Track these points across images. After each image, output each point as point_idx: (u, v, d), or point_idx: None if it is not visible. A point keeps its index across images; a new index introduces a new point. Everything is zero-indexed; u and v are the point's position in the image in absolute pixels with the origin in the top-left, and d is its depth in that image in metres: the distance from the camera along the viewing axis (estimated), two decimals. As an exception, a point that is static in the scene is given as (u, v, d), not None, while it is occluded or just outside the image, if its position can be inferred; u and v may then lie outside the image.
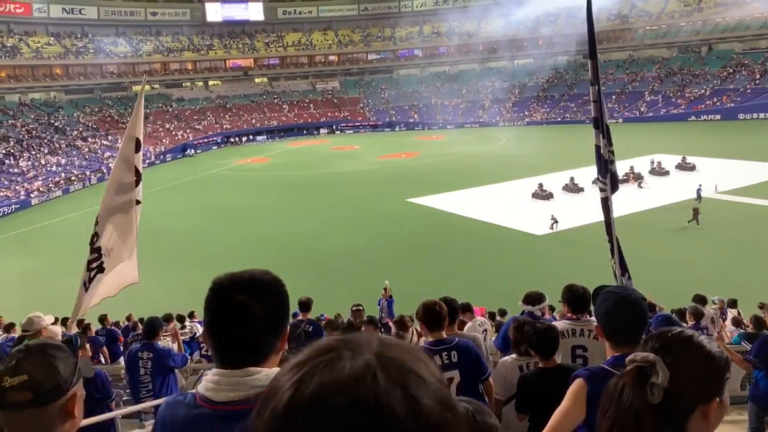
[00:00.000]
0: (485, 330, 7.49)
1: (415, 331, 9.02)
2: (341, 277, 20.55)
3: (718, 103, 59.06)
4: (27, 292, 20.68)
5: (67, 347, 4.98)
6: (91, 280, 8.60)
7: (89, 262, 8.58)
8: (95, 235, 8.69)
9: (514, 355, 4.53)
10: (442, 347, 3.99)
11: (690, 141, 43.84)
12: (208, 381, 1.54)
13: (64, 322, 12.64)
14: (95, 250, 8.64)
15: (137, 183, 8.00)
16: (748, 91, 58.66)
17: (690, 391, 1.34)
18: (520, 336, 4.48)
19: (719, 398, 1.35)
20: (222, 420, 1.48)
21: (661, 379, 1.32)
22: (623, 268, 7.93)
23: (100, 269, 8.73)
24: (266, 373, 1.51)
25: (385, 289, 14.39)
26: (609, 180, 7.93)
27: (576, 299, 4.64)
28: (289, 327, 1.65)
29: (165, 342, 8.67)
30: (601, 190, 8.13)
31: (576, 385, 2.55)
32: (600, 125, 7.92)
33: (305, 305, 8.83)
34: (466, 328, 7.81)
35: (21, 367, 1.56)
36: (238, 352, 1.53)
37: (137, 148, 8.66)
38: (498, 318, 11.61)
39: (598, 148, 7.94)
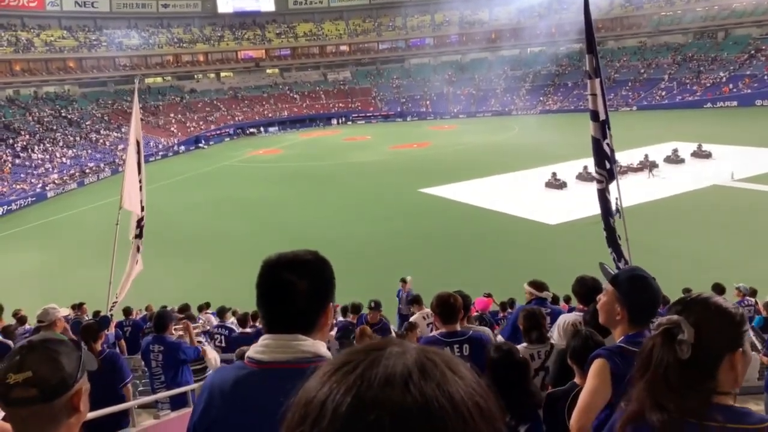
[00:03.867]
0: (430, 324, 7.35)
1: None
2: (353, 267, 20.55)
3: (734, 90, 58.18)
4: (44, 285, 20.93)
5: (89, 329, 4.97)
6: (138, 248, 9.54)
7: (140, 249, 9.53)
8: (140, 222, 9.59)
9: (524, 344, 4.51)
10: (454, 339, 3.97)
11: (706, 128, 43.26)
12: (258, 345, 1.66)
13: (79, 307, 12.83)
14: (141, 236, 9.57)
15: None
16: (766, 77, 57.67)
17: (714, 343, 1.52)
18: (530, 324, 4.45)
19: (741, 348, 1.54)
20: (269, 377, 1.58)
21: (687, 336, 1.50)
22: (619, 255, 7.98)
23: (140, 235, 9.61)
24: (313, 342, 1.64)
25: (404, 280, 14.30)
26: (607, 171, 7.97)
27: (586, 291, 4.62)
28: (339, 328, 1.81)
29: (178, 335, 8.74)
30: (598, 181, 8.17)
31: (598, 364, 2.58)
32: (599, 117, 7.94)
33: (355, 308, 9.53)
34: (411, 319, 7.83)
35: (25, 364, 1.55)
36: (283, 323, 1.65)
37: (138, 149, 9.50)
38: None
39: (595, 140, 7.97)
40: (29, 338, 1.68)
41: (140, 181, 9.81)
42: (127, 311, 12.39)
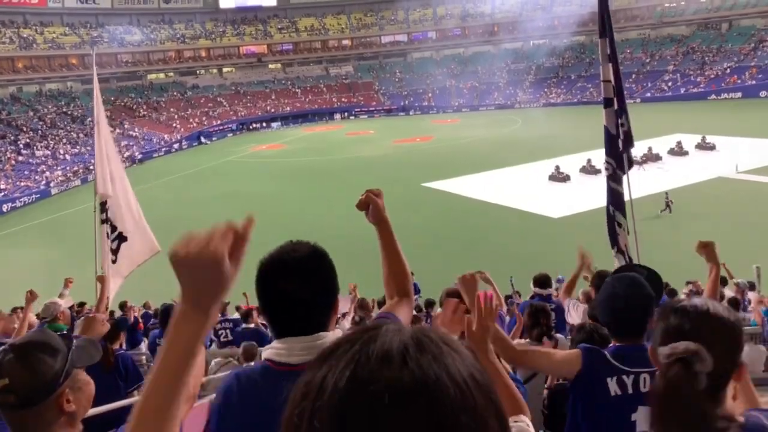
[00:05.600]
0: None
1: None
2: (357, 262, 20.51)
3: (738, 81, 57.85)
4: (49, 281, 20.94)
5: (114, 329, 4.84)
6: (116, 251, 8.96)
7: (109, 234, 9.01)
8: (104, 205, 9.06)
9: (527, 340, 4.46)
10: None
11: (710, 120, 43.04)
12: (278, 348, 1.61)
13: (81, 305, 12.75)
14: (107, 219, 9.05)
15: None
16: (770, 67, 57.35)
17: (726, 364, 1.36)
18: (533, 321, 4.40)
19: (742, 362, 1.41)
20: (299, 376, 1.52)
21: (708, 366, 1.31)
22: (613, 242, 7.97)
23: (123, 238, 9.09)
24: (333, 335, 1.62)
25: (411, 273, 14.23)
26: (616, 160, 7.95)
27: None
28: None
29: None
30: (607, 170, 8.15)
31: (575, 352, 2.50)
32: (612, 104, 7.87)
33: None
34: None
35: (2, 371, 1.54)
36: (291, 330, 1.61)
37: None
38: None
39: (607, 128, 7.91)
40: (11, 342, 1.65)
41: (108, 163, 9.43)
42: (122, 306, 12.09)
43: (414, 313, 8.82)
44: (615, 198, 8.01)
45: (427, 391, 0.62)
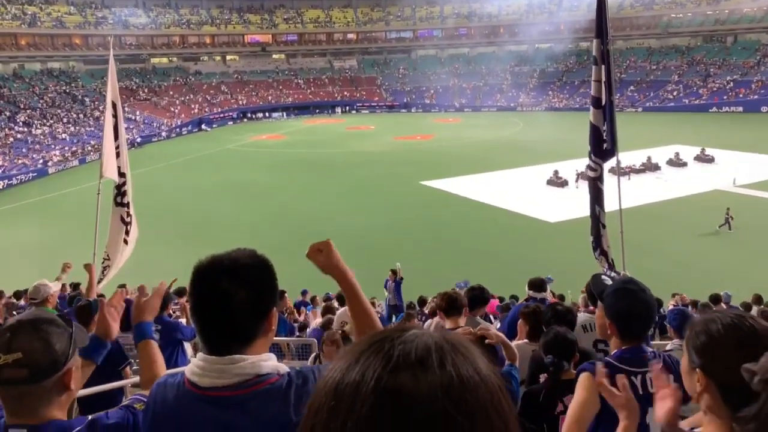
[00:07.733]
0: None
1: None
2: (351, 257, 20.48)
3: (740, 95, 57.99)
4: (43, 260, 20.92)
5: (82, 311, 4.91)
6: (128, 233, 9.39)
7: (123, 217, 9.42)
8: (121, 188, 9.37)
9: (525, 340, 4.39)
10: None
11: (710, 132, 43.16)
12: (194, 365, 1.54)
13: (76, 287, 12.72)
14: (126, 204, 9.42)
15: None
16: (773, 83, 57.50)
17: None
18: (535, 322, 4.32)
19: None
20: (207, 404, 1.48)
21: None
22: (597, 243, 8.00)
23: (130, 223, 9.51)
24: (252, 361, 1.49)
25: (394, 271, 14.25)
26: (604, 159, 8.00)
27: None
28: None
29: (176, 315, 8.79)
30: (592, 169, 8.19)
31: (584, 378, 2.53)
32: (600, 104, 7.92)
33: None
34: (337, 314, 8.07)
35: (14, 344, 1.53)
36: (221, 337, 1.51)
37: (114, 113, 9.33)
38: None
39: (594, 127, 7.96)
40: (18, 317, 1.65)
41: (117, 147, 9.53)
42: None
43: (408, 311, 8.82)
44: (600, 199, 8.07)
45: (464, 390, 0.65)
